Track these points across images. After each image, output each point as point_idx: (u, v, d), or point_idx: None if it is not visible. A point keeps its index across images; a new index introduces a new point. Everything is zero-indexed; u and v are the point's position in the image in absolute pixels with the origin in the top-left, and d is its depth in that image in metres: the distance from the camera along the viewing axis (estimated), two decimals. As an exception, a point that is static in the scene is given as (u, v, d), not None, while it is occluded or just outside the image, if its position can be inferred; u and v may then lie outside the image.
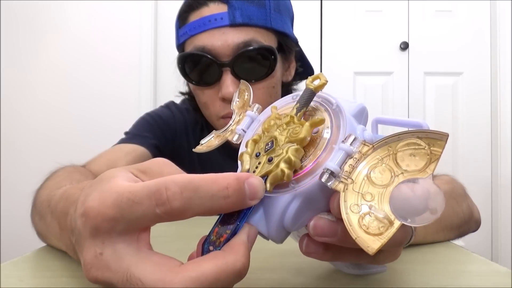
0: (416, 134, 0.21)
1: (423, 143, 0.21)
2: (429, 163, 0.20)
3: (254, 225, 0.24)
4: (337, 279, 0.32)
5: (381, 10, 1.77)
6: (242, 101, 0.33)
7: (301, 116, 0.25)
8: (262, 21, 0.63)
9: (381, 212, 0.20)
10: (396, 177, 0.21)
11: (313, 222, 0.23)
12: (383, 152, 0.22)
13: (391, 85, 1.77)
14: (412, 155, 0.21)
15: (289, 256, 0.37)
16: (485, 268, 0.37)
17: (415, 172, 0.20)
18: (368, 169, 0.22)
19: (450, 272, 0.35)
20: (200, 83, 0.66)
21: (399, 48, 1.75)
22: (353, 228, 0.20)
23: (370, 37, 1.77)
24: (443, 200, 0.19)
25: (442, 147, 0.20)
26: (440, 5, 1.76)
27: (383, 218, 0.20)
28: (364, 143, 0.23)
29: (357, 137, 0.23)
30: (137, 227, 0.20)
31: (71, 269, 0.33)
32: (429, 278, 0.33)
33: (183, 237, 0.50)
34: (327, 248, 0.24)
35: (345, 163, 0.22)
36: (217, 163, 0.77)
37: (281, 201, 0.23)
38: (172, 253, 0.23)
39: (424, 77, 1.77)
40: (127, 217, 0.20)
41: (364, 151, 0.22)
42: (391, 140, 0.22)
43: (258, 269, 0.35)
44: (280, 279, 0.32)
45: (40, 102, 1.75)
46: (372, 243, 0.19)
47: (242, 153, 0.26)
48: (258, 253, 0.40)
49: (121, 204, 0.20)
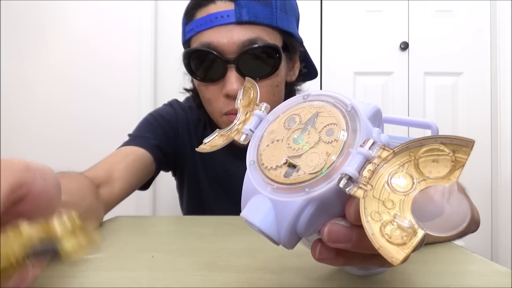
0: (440, 139, 0.20)
1: (447, 149, 0.20)
2: (453, 170, 0.19)
3: (265, 229, 0.23)
4: (337, 279, 0.32)
5: (381, 10, 1.77)
6: (248, 99, 0.32)
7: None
8: (268, 20, 0.64)
9: (406, 221, 0.19)
10: (418, 184, 0.20)
11: (327, 228, 0.22)
12: (403, 158, 0.21)
13: (391, 85, 1.77)
14: (434, 161, 0.20)
15: (289, 256, 0.37)
16: (485, 268, 0.37)
17: (438, 179, 0.20)
18: (388, 175, 0.21)
19: (450, 272, 0.35)
20: (205, 79, 0.66)
21: (399, 48, 1.75)
22: (375, 237, 0.19)
23: (370, 37, 1.77)
24: (470, 210, 0.18)
25: (467, 154, 0.19)
26: (440, 5, 1.76)
27: (407, 227, 0.19)
28: (384, 147, 0.22)
29: (376, 141, 0.22)
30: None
31: (72, 269, 0.33)
32: (429, 278, 0.33)
33: (183, 237, 0.50)
34: (339, 254, 0.24)
35: (364, 168, 0.21)
36: (218, 161, 0.78)
37: (295, 206, 0.22)
38: (172, 252, 0.23)
39: (424, 77, 1.76)
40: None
41: (384, 156, 0.21)
42: (412, 145, 0.21)
43: (258, 269, 0.35)
44: (280, 279, 0.32)
45: (40, 102, 1.75)
46: (396, 253, 0.18)
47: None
48: (258, 253, 0.40)
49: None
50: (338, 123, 0.24)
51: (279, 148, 0.25)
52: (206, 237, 0.48)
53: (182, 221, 0.67)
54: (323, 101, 0.26)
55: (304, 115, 0.26)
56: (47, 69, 1.75)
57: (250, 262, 0.37)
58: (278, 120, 0.27)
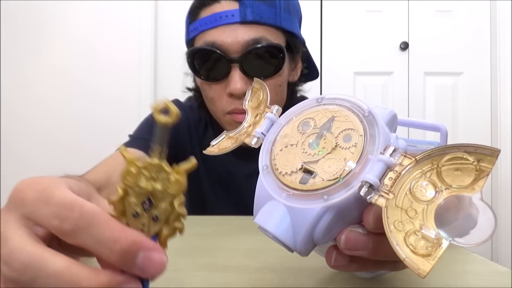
0: (463, 148, 0.20)
1: (472, 158, 0.19)
2: (477, 180, 0.19)
3: (280, 236, 0.23)
4: (338, 279, 0.32)
5: (381, 10, 1.77)
6: (257, 101, 0.31)
7: (164, 158, 0.21)
8: (272, 20, 0.64)
9: (433, 232, 0.19)
10: (441, 193, 0.19)
11: (345, 236, 0.22)
12: (426, 166, 0.20)
13: (391, 85, 1.77)
14: (458, 170, 0.20)
15: (290, 256, 0.37)
16: (485, 268, 0.37)
17: (461, 188, 0.19)
18: (411, 183, 0.20)
19: (450, 272, 0.35)
20: (208, 78, 0.66)
21: (399, 48, 1.75)
22: (400, 247, 0.19)
23: (370, 37, 1.77)
24: (495, 219, 0.18)
25: (492, 163, 0.19)
26: (440, 5, 1.76)
27: (434, 238, 0.18)
28: (405, 155, 0.21)
29: (397, 148, 0.21)
30: (36, 221, 0.20)
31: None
32: (429, 278, 0.33)
33: (183, 237, 0.50)
34: (353, 260, 0.24)
35: (385, 176, 0.21)
36: (220, 160, 0.77)
37: (313, 213, 0.22)
38: (172, 252, 0.23)
39: (424, 77, 1.76)
40: (35, 209, 0.20)
41: (405, 163, 0.21)
42: (435, 154, 0.20)
43: (258, 269, 0.35)
44: (280, 279, 0.32)
45: (40, 102, 1.74)
46: (423, 265, 0.18)
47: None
48: (258, 253, 0.40)
49: (39, 196, 0.20)
50: (355, 128, 0.24)
51: (294, 153, 0.25)
52: (206, 237, 0.48)
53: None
54: (338, 105, 0.26)
55: (319, 119, 0.25)
56: (47, 69, 1.75)
57: (250, 262, 0.37)
58: (291, 123, 0.27)
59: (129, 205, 0.20)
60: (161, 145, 0.20)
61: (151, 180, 0.20)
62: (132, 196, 0.20)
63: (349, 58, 1.77)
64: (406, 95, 1.76)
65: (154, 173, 0.20)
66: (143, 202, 0.20)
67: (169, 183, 0.20)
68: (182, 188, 0.20)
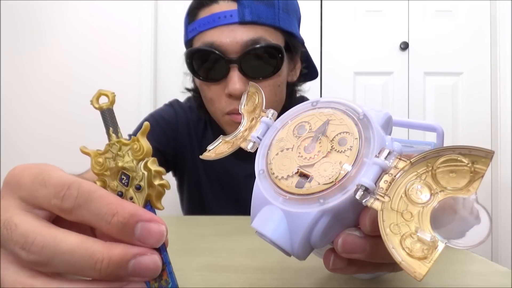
0: (458, 150, 0.20)
1: (466, 160, 0.20)
2: (472, 181, 0.19)
3: (277, 240, 0.23)
4: (336, 279, 0.33)
5: (381, 10, 1.77)
6: (253, 104, 0.31)
7: (121, 136, 0.23)
8: (270, 20, 0.64)
9: (428, 235, 0.19)
10: (436, 195, 0.20)
11: (342, 239, 0.22)
12: (421, 168, 0.21)
13: (391, 85, 1.76)
14: (452, 172, 0.20)
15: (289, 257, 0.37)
16: (485, 268, 0.37)
17: (457, 190, 0.19)
18: (406, 186, 0.20)
19: (450, 272, 0.35)
20: (207, 79, 0.66)
21: (399, 48, 1.75)
22: (396, 250, 0.19)
23: (370, 37, 1.76)
24: (490, 221, 0.18)
25: (486, 165, 0.19)
26: (440, 5, 1.75)
27: (429, 241, 0.19)
28: (400, 157, 0.21)
29: (391, 151, 0.22)
30: (35, 204, 0.21)
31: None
32: (429, 278, 0.33)
33: (183, 237, 0.50)
34: (351, 263, 0.24)
35: (380, 179, 0.21)
36: (219, 161, 0.77)
37: (309, 217, 0.22)
38: (172, 252, 0.23)
39: (424, 77, 1.76)
40: (32, 191, 0.20)
41: (400, 166, 0.21)
42: (430, 156, 0.20)
43: (258, 269, 0.35)
44: (280, 279, 0.32)
45: (40, 102, 1.74)
46: (419, 267, 0.18)
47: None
48: (258, 253, 0.40)
49: (36, 179, 0.20)
50: (350, 131, 0.24)
51: (290, 157, 0.25)
52: (206, 237, 0.48)
53: (182, 221, 0.67)
54: (333, 108, 0.26)
55: (314, 123, 0.25)
56: (47, 69, 1.75)
57: (250, 262, 0.37)
58: (287, 127, 0.27)
59: (112, 190, 0.22)
60: (113, 126, 0.23)
61: (118, 157, 0.22)
62: (110, 181, 0.22)
63: (349, 58, 1.77)
64: (406, 95, 1.76)
65: (118, 151, 0.22)
66: (120, 179, 0.22)
67: (135, 151, 0.22)
68: (147, 149, 0.21)
